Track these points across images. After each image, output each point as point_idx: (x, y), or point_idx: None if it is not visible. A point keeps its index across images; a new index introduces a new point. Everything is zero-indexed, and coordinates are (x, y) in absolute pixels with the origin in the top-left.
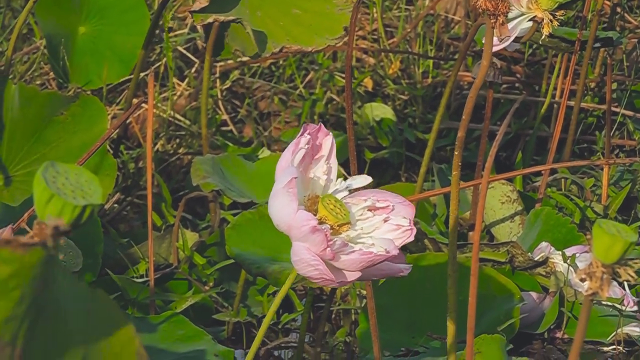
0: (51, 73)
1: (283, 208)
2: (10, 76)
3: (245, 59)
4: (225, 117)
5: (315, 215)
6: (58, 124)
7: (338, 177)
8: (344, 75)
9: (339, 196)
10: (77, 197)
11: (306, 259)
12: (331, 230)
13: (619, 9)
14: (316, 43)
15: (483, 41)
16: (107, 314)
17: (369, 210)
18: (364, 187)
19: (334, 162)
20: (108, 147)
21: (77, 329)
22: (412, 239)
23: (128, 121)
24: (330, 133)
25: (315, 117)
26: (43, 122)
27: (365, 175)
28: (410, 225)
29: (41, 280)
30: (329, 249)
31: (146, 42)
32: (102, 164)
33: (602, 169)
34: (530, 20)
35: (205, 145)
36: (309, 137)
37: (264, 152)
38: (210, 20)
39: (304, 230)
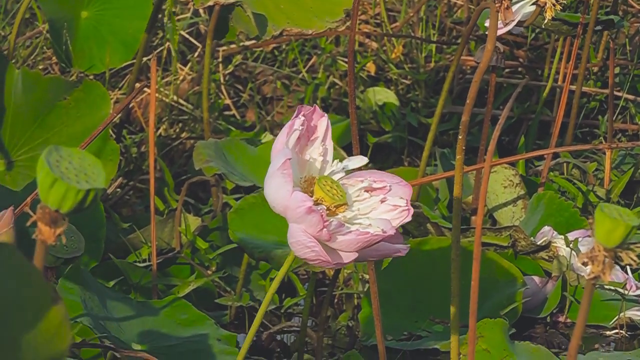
0: (54, 58)
1: (278, 190)
2: (13, 61)
3: (248, 43)
4: (227, 101)
5: (311, 196)
6: (61, 109)
7: (338, 159)
8: (346, 60)
9: (336, 177)
10: (81, 181)
11: (302, 240)
12: (327, 212)
13: None
14: (316, 26)
15: (486, 25)
16: (16, 264)
17: (366, 191)
18: (361, 168)
19: (329, 143)
20: (111, 132)
21: (9, 308)
22: (409, 219)
23: (130, 106)
24: (325, 114)
25: (318, 102)
26: (46, 107)
27: (362, 156)
28: (407, 205)
29: None
30: (325, 229)
31: (149, 26)
32: (104, 149)
33: (604, 153)
34: (533, 4)
35: (207, 130)
36: (303, 118)
37: (267, 137)
38: (210, 3)
39: (299, 212)
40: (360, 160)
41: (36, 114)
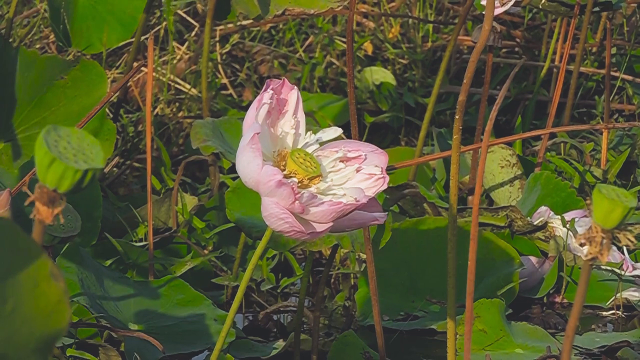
0: (51, 37)
1: (249, 164)
2: (10, 39)
3: (245, 22)
4: (225, 80)
5: (284, 170)
6: (58, 89)
7: (311, 132)
8: (343, 39)
9: (310, 150)
10: (79, 161)
11: (275, 213)
12: (300, 184)
13: None
14: (318, 5)
15: (483, 5)
16: (12, 238)
17: (341, 161)
18: (335, 139)
19: (301, 115)
20: (108, 112)
21: None
22: (385, 187)
23: (128, 85)
24: (295, 87)
25: (315, 81)
26: (43, 86)
27: (336, 127)
28: (382, 173)
29: None
30: (297, 202)
31: (147, 5)
32: (101, 128)
33: (601, 133)
34: None
35: (205, 109)
36: (272, 92)
37: None
38: None
39: (270, 185)
40: (335, 131)
41: (33, 93)
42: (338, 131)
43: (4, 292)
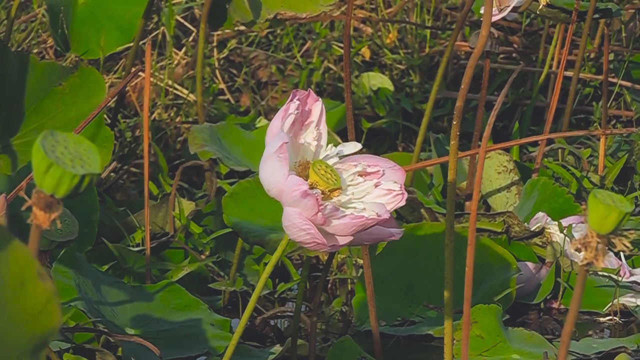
0: (49, 41)
1: (274, 173)
2: (9, 44)
3: (243, 28)
4: (222, 86)
5: (305, 180)
6: (56, 95)
7: (332, 144)
8: (341, 45)
9: (330, 162)
10: (76, 166)
11: (297, 223)
12: (322, 196)
13: None
14: (310, 9)
15: (481, 11)
16: (22, 267)
17: (360, 175)
18: (355, 154)
19: (324, 127)
20: (106, 117)
21: None
22: (403, 203)
23: (125, 90)
24: (320, 99)
25: (312, 87)
26: (42, 92)
27: (356, 142)
28: (401, 189)
29: None
30: (320, 213)
31: (146, 11)
32: (99, 135)
33: (599, 140)
34: None
35: (200, 114)
36: (298, 102)
37: (261, 121)
38: None
39: (294, 195)
40: (355, 146)
41: (32, 98)
42: (358, 146)
43: None
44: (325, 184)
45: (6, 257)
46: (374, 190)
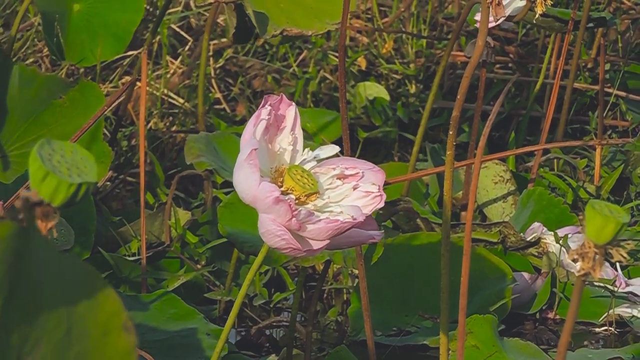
0: (45, 50)
1: (246, 180)
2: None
3: None
4: (218, 95)
5: (281, 186)
6: (56, 108)
7: (309, 148)
8: (337, 54)
9: (307, 166)
10: (73, 175)
11: (272, 230)
12: (298, 201)
13: None
14: (316, 27)
15: (476, 20)
16: (90, 285)
17: (338, 178)
18: (333, 157)
19: (299, 132)
20: (104, 130)
21: (58, 301)
22: (382, 205)
23: (121, 99)
24: (293, 103)
25: (309, 96)
26: (41, 104)
27: (333, 145)
28: (379, 191)
29: (14, 254)
30: (294, 219)
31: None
32: (96, 151)
33: (594, 150)
34: None
35: (201, 123)
36: (270, 108)
37: None
38: (211, 0)
39: (267, 202)
40: (332, 149)
41: (31, 110)
42: (335, 149)
43: (70, 337)
44: (301, 189)
45: (96, 305)
46: (352, 193)
